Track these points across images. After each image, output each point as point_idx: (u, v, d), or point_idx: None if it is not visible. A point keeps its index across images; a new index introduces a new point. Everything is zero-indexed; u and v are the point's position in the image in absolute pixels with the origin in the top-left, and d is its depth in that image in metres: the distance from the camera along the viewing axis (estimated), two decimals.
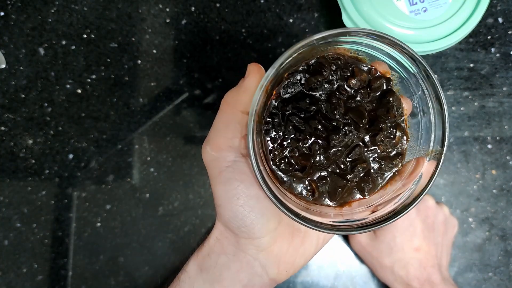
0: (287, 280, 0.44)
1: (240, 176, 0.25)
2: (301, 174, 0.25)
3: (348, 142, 0.25)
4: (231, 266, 0.27)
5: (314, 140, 0.25)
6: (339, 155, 0.25)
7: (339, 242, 0.45)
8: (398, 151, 0.26)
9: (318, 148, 0.25)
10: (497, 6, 0.47)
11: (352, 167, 0.25)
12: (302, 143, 0.25)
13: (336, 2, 0.42)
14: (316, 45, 0.24)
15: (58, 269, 0.45)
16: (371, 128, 0.26)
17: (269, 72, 0.23)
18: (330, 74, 0.25)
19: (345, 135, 0.25)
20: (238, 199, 0.25)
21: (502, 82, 0.46)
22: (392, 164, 0.26)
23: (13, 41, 0.48)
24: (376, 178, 0.26)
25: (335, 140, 0.25)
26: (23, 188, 0.46)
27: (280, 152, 0.25)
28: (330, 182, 0.25)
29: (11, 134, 0.47)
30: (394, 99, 0.26)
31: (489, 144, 0.45)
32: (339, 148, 0.25)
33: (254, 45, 0.47)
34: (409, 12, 0.41)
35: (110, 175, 0.46)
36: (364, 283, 0.44)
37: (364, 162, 0.25)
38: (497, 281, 0.44)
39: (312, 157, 0.25)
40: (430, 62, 0.47)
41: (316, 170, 0.25)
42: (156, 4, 0.48)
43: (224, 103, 0.27)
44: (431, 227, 0.38)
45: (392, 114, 0.26)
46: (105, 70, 0.47)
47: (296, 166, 0.25)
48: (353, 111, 0.25)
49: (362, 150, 0.25)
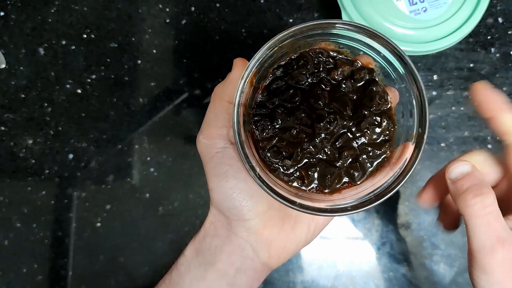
0: (287, 280, 0.44)
1: (229, 161, 0.27)
2: (290, 161, 0.26)
3: (334, 130, 0.26)
4: (224, 248, 0.28)
5: (300, 129, 0.26)
6: (326, 143, 0.26)
7: (339, 242, 0.45)
8: (385, 138, 0.27)
9: (304, 137, 0.26)
10: (497, 6, 0.47)
11: (340, 154, 0.26)
12: (288, 132, 0.26)
13: (336, 2, 0.42)
14: (299, 40, 0.25)
15: (58, 269, 0.45)
16: (355, 116, 0.26)
17: (250, 63, 0.24)
18: (313, 67, 0.27)
19: (329, 123, 0.26)
20: (227, 182, 0.27)
21: (502, 82, 0.46)
22: (380, 151, 0.27)
23: (13, 41, 0.48)
24: (365, 165, 0.27)
25: (320, 128, 0.26)
26: (23, 188, 0.46)
27: (268, 142, 0.26)
28: (319, 169, 0.26)
29: (11, 134, 0.47)
30: (377, 88, 0.27)
31: (489, 144, 0.45)
32: (325, 136, 0.26)
33: (254, 45, 0.47)
34: (409, 12, 0.41)
35: (110, 175, 0.46)
36: (364, 283, 0.44)
37: (351, 149, 0.26)
38: None
39: (299, 145, 0.26)
40: (430, 62, 0.47)
41: (304, 158, 0.26)
42: (156, 4, 0.48)
43: (213, 95, 0.29)
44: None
45: (376, 102, 0.26)
46: (105, 70, 0.47)
47: (284, 154, 0.26)
48: (337, 101, 0.26)
49: (348, 137, 0.26)
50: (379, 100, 0.26)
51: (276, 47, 0.25)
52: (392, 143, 0.27)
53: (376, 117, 0.26)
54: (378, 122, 0.27)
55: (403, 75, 0.25)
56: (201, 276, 0.28)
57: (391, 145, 0.27)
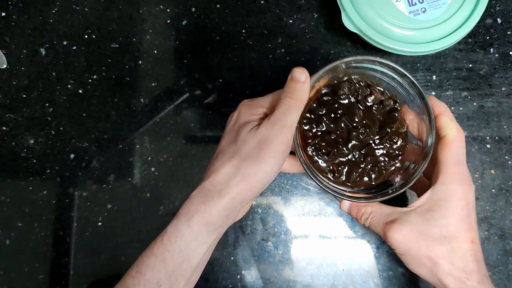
0: (286, 279, 0.44)
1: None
2: (327, 157, 0.35)
3: (363, 140, 0.35)
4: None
5: (338, 134, 0.35)
6: (355, 148, 0.35)
7: (339, 242, 0.45)
8: (399, 153, 0.35)
9: (341, 140, 0.34)
10: (496, 7, 0.47)
11: (365, 158, 0.35)
12: (329, 135, 0.35)
13: (336, 3, 0.42)
14: (344, 68, 0.34)
15: (59, 268, 0.45)
16: (380, 132, 0.35)
17: (314, 76, 0.33)
18: (355, 90, 0.35)
19: (361, 134, 0.34)
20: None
21: (501, 82, 0.46)
22: (393, 162, 0.35)
23: (14, 42, 0.48)
24: (382, 169, 0.35)
25: (353, 136, 0.34)
26: (25, 187, 0.46)
27: (313, 139, 0.35)
28: (348, 167, 0.35)
29: (13, 134, 0.47)
30: (398, 115, 0.35)
31: (488, 144, 0.46)
32: (356, 142, 0.34)
33: (254, 46, 0.47)
34: (408, 13, 0.41)
35: (111, 175, 0.46)
36: (364, 282, 0.44)
37: (372, 156, 0.35)
38: (496, 280, 0.44)
39: (335, 146, 0.34)
40: (429, 62, 0.47)
41: (338, 156, 0.35)
42: (157, 5, 0.48)
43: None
44: (476, 218, 0.34)
45: (396, 125, 0.35)
46: (106, 71, 0.47)
47: (324, 151, 0.35)
48: (368, 119, 0.35)
49: (372, 147, 0.35)
50: (399, 124, 0.35)
51: (328, 72, 0.34)
52: (404, 158, 0.35)
53: (395, 136, 0.35)
54: (395, 140, 0.35)
55: (419, 104, 0.34)
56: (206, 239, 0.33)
57: (402, 159, 0.35)
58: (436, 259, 0.32)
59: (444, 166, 0.33)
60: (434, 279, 0.33)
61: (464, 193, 0.32)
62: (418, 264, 0.33)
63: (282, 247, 0.45)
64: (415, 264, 0.33)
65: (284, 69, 0.47)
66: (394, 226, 0.33)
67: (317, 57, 0.47)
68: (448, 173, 0.33)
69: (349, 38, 0.47)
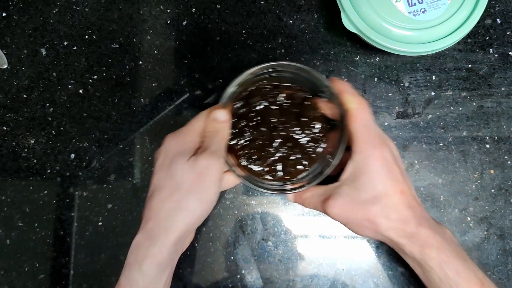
0: (286, 278, 0.45)
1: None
2: (260, 161, 0.37)
3: (286, 135, 0.37)
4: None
5: (262, 138, 0.37)
6: (282, 144, 0.37)
7: (339, 241, 0.45)
8: (321, 135, 0.38)
9: (267, 143, 0.37)
10: (495, 7, 0.47)
11: (292, 150, 0.37)
12: (255, 142, 0.37)
13: (336, 3, 0.42)
14: (253, 78, 0.36)
15: (59, 268, 0.45)
16: (298, 123, 0.37)
17: (227, 93, 0.36)
18: (265, 94, 0.37)
19: (280, 131, 0.37)
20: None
21: (500, 82, 0.46)
22: (319, 144, 0.37)
23: (15, 42, 0.48)
24: (311, 154, 0.37)
25: (275, 135, 0.37)
26: (25, 187, 0.46)
27: (242, 151, 0.37)
28: (281, 162, 0.37)
29: (13, 134, 0.47)
30: (309, 101, 0.38)
31: (488, 144, 0.46)
32: (280, 139, 0.37)
33: (254, 46, 0.47)
34: (408, 13, 0.41)
35: (112, 175, 0.46)
36: (363, 282, 0.44)
37: (299, 145, 0.37)
38: (496, 280, 0.44)
39: (264, 150, 0.37)
40: (429, 62, 0.47)
41: (269, 157, 0.37)
42: (157, 5, 0.48)
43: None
44: (402, 168, 0.36)
45: (311, 112, 0.37)
46: (106, 71, 0.47)
47: (255, 157, 0.37)
48: (284, 115, 0.37)
49: (295, 138, 0.37)
50: (313, 110, 0.37)
51: (239, 86, 0.36)
52: (327, 138, 0.38)
53: (312, 121, 0.37)
54: (314, 125, 0.37)
55: (324, 89, 0.37)
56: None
57: (327, 139, 0.38)
58: (373, 218, 0.34)
59: (355, 136, 0.35)
60: (380, 236, 0.35)
61: (379, 152, 0.34)
62: (361, 228, 0.35)
63: (282, 247, 0.45)
64: (359, 229, 0.36)
65: None
66: (330, 202, 0.35)
67: (317, 57, 0.47)
68: (359, 141, 0.35)
69: (349, 38, 0.47)
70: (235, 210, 0.46)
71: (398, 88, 0.47)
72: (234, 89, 0.36)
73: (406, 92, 0.47)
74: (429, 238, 0.34)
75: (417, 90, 0.47)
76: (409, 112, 0.46)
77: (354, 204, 0.34)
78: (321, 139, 0.38)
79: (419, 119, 0.46)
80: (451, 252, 0.34)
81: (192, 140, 0.35)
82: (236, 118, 0.37)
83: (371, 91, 0.47)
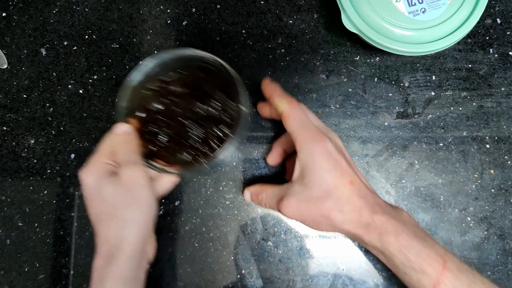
0: (286, 278, 0.45)
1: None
2: (174, 156, 0.37)
3: (185, 127, 0.37)
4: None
5: (170, 134, 0.37)
6: (192, 134, 0.37)
7: (339, 241, 0.45)
8: (221, 117, 0.38)
9: (170, 142, 0.37)
10: (495, 7, 0.47)
11: (197, 136, 0.37)
12: (159, 143, 0.37)
13: (336, 3, 0.42)
14: (142, 84, 0.38)
15: (59, 268, 0.45)
16: (196, 111, 0.37)
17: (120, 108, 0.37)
18: (158, 95, 0.38)
19: (182, 123, 0.37)
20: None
21: (500, 82, 0.46)
22: (217, 127, 0.37)
23: (15, 42, 0.48)
24: (212, 142, 0.37)
25: (176, 128, 0.37)
26: (25, 187, 0.46)
27: (159, 152, 0.37)
28: (189, 150, 0.37)
29: (13, 134, 0.47)
30: (205, 87, 0.38)
31: (488, 144, 0.46)
32: (187, 130, 0.37)
33: (254, 46, 0.47)
34: (408, 13, 0.41)
35: None
36: (363, 282, 0.44)
37: (204, 128, 0.37)
38: (496, 280, 0.44)
39: (168, 150, 0.37)
40: (429, 62, 0.47)
41: (180, 150, 0.37)
42: (157, 5, 0.48)
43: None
44: (347, 158, 0.37)
45: (205, 99, 0.37)
46: (106, 71, 0.47)
47: (168, 152, 0.37)
48: (182, 107, 0.37)
49: (195, 126, 0.37)
50: (207, 96, 0.38)
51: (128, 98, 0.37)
52: (227, 122, 0.38)
53: (207, 107, 0.37)
54: (210, 110, 0.37)
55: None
56: None
57: (225, 121, 0.38)
58: (328, 214, 0.34)
59: (294, 136, 0.36)
60: (338, 230, 0.36)
61: (321, 146, 0.35)
62: (318, 225, 0.36)
63: (282, 247, 0.45)
64: (316, 225, 0.36)
65: (284, 69, 0.47)
66: (283, 202, 0.36)
67: (317, 57, 0.47)
68: (299, 140, 0.35)
69: (349, 38, 0.47)
70: (235, 210, 0.46)
71: (398, 88, 0.47)
72: (124, 104, 0.37)
73: (406, 92, 0.47)
74: (385, 224, 0.34)
75: (417, 90, 0.47)
76: (409, 112, 0.46)
77: (307, 202, 0.35)
78: (221, 120, 0.38)
79: (419, 119, 0.46)
80: (408, 235, 0.34)
81: (106, 162, 0.35)
82: (144, 124, 0.38)
83: (371, 91, 0.47)
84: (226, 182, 0.46)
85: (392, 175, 0.46)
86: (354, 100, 0.47)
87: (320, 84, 0.47)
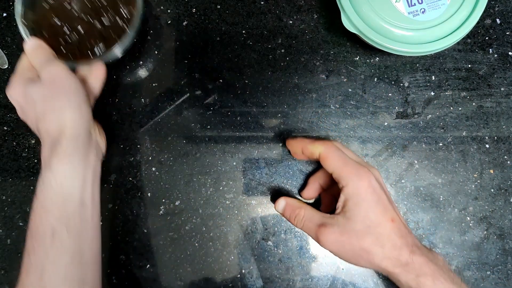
0: (286, 277, 0.45)
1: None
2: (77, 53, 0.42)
3: (87, 21, 0.42)
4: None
5: (71, 31, 0.42)
6: (81, 34, 0.42)
7: None
8: (122, 24, 0.42)
9: (68, 35, 0.42)
10: (495, 7, 0.47)
11: (88, 37, 0.42)
12: (66, 45, 0.42)
13: (335, 3, 0.42)
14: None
15: None
16: (96, 15, 0.42)
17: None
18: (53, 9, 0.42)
19: (75, 20, 0.42)
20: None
21: (500, 82, 0.47)
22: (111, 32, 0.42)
23: (15, 42, 0.48)
24: (107, 40, 0.42)
25: (74, 24, 0.42)
26: (26, 187, 0.46)
27: (66, 48, 0.42)
28: (80, 46, 0.42)
29: (14, 134, 0.47)
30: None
31: (487, 144, 0.46)
32: (78, 26, 0.42)
33: (254, 46, 0.47)
34: (408, 13, 0.41)
35: (112, 175, 0.46)
36: (363, 281, 0.45)
37: (95, 35, 0.42)
38: (495, 279, 0.44)
39: (76, 49, 0.42)
40: (429, 62, 0.47)
41: (78, 44, 0.42)
42: (158, 6, 0.48)
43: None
44: (388, 194, 0.38)
45: (102, 3, 0.42)
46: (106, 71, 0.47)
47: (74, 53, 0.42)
48: (80, 8, 0.42)
49: (93, 25, 0.42)
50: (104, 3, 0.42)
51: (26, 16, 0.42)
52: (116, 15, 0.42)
53: (99, 3, 0.42)
54: (100, 8, 0.42)
55: None
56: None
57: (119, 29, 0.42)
58: (368, 248, 0.35)
59: (337, 174, 0.37)
60: (375, 266, 0.36)
61: (365, 182, 0.36)
62: (356, 258, 0.36)
63: (282, 247, 0.45)
64: (354, 259, 0.36)
65: (284, 69, 0.47)
66: (326, 230, 0.36)
67: (317, 57, 0.47)
68: (343, 176, 0.36)
69: (349, 39, 0.47)
70: (235, 210, 0.46)
71: (398, 88, 0.47)
72: (23, 23, 0.41)
73: (406, 92, 0.47)
74: (423, 266, 0.34)
75: (417, 90, 0.47)
76: (409, 112, 0.47)
77: (349, 234, 0.36)
78: (111, 17, 0.42)
79: (418, 119, 0.46)
80: (445, 280, 0.34)
81: (28, 72, 0.38)
82: (50, 37, 0.42)
83: (371, 91, 0.47)
84: (226, 182, 0.46)
85: (392, 175, 0.46)
86: (354, 100, 0.47)
87: (320, 84, 0.47)
